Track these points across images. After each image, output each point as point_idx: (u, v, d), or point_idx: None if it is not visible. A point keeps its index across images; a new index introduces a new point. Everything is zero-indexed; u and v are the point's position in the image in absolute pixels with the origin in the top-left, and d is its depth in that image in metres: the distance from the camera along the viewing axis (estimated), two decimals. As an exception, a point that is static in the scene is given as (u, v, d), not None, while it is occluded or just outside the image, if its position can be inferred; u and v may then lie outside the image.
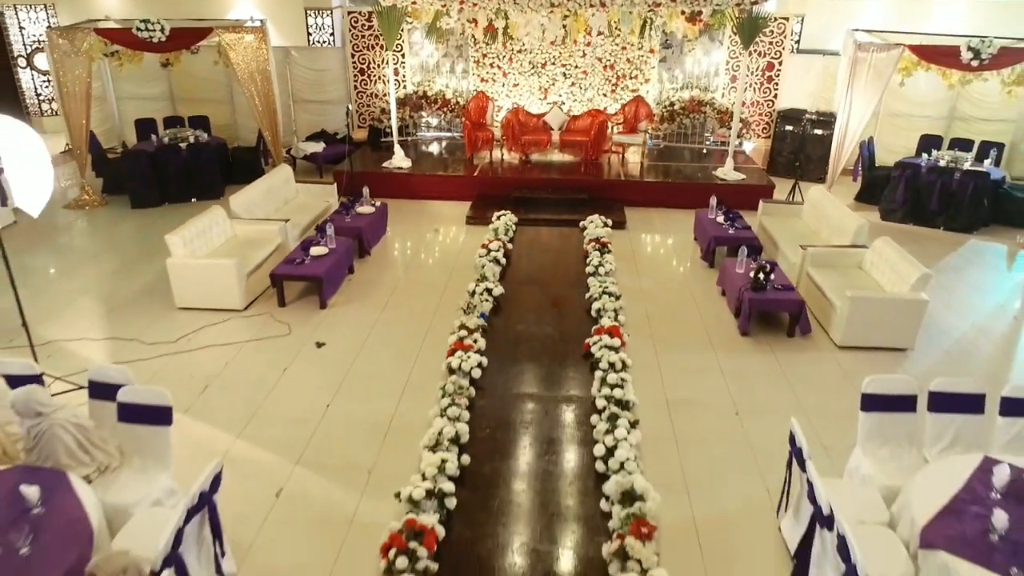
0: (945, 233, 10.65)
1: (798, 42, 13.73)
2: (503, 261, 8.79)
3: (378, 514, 4.81)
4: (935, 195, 10.56)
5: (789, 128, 12.96)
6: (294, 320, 7.69)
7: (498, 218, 10.03)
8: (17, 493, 3.85)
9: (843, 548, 3.42)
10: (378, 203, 10.07)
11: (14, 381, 4.69)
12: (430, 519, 4.47)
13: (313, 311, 7.89)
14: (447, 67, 13.89)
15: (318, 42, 14.83)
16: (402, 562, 4.14)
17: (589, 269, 8.52)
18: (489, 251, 8.83)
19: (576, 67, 13.49)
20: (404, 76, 13.77)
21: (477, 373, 6.34)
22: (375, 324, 7.68)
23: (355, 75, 13.94)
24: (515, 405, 6.10)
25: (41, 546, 3.64)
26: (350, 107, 13.30)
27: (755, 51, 12.98)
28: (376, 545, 4.38)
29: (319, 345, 7.21)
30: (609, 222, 10.07)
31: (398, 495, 4.76)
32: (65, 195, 11.86)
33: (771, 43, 13.06)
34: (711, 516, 4.96)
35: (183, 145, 11.49)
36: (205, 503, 3.82)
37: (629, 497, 4.73)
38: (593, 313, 7.48)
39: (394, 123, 12.48)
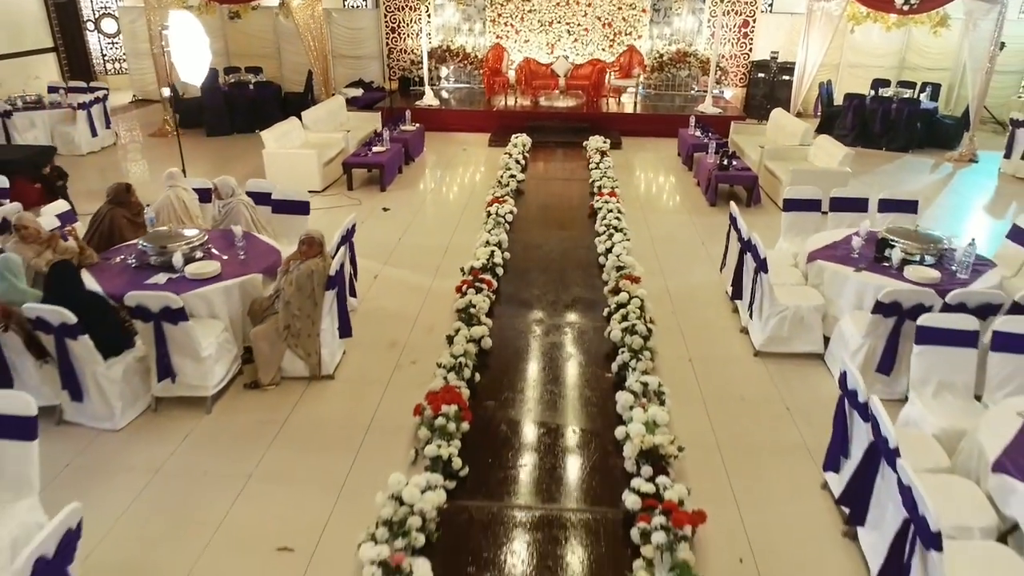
0: (887, 152, 12.84)
1: (771, 5, 15.95)
2: (522, 161, 10.96)
3: (446, 287, 6.88)
4: (877, 120, 12.76)
5: (761, 75, 15.14)
6: (362, 198, 9.88)
7: (516, 138, 12.19)
8: (230, 235, 6.03)
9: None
10: (417, 125, 12.25)
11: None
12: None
13: (375, 193, 10.09)
14: (466, 27, 16.06)
15: (354, 5, 17.01)
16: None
17: (591, 166, 10.71)
18: (511, 155, 11.00)
19: (579, 25, 15.69)
20: (430, 34, 15.95)
21: (509, 217, 8.51)
22: (426, 199, 9.92)
23: (387, 33, 16.11)
24: (539, 235, 8.31)
25: (250, 256, 5.82)
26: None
27: (732, 11, 15.19)
28: (448, 303, 6.44)
29: (385, 210, 9.41)
30: (607, 142, 12.23)
31: (463, 269, 6.92)
32: (147, 128, 14.02)
33: (747, 3, 15.26)
34: (679, 289, 7.17)
35: (251, 85, 13.66)
36: (348, 240, 6.01)
37: (619, 267, 6.90)
38: (595, 188, 9.65)
39: (425, 69, 14.66)
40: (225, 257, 5.73)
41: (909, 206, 6.91)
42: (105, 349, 4.71)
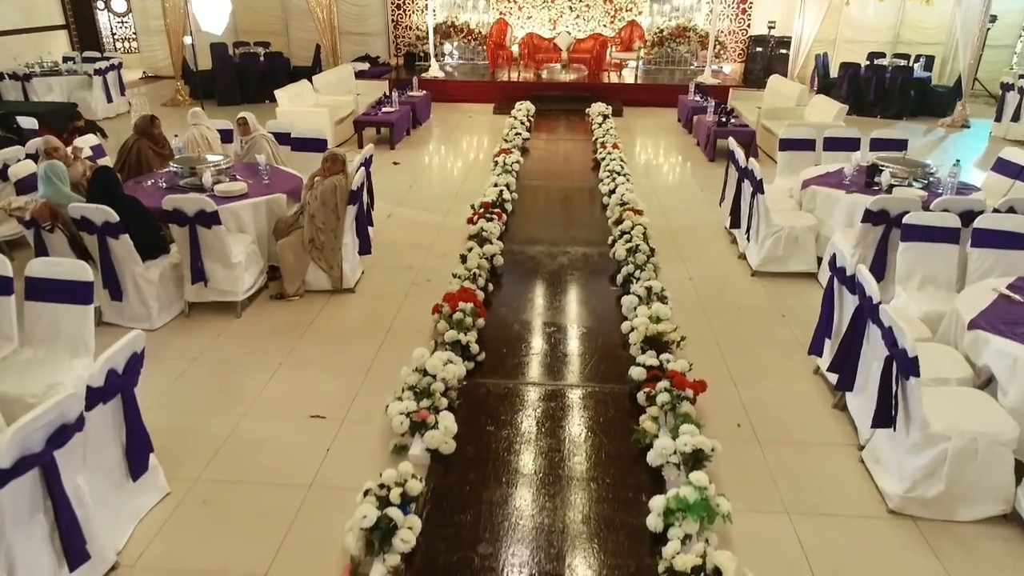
0: (881, 120, 13.17)
1: (769, -19, 16.29)
2: (527, 123, 11.28)
3: (458, 223, 7.20)
4: (872, 88, 13.10)
5: (759, 49, 15.47)
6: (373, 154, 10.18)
7: (520, 104, 12.50)
8: (253, 167, 6.35)
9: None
10: (424, 92, 12.57)
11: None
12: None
13: (385, 151, 10.41)
14: (470, 3, 16.38)
15: (360, -17, 17.32)
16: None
17: (595, 127, 11.03)
18: (516, 118, 11.33)
19: (580, 0, 16.02)
20: (435, 10, 16.27)
21: (516, 167, 8.84)
22: (434, 156, 10.25)
23: (393, 9, 16.44)
24: (545, 183, 8.64)
25: (274, 181, 6.15)
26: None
27: (731, -14, 15.55)
28: (460, 236, 6.77)
29: (395, 164, 9.73)
30: (609, 109, 12.55)
31: (472, 205, 7.24)
32: (159, 100, 14.32)
33: (744, -21, 15.61)
34: (680, 225, 7.50)
35: (261, 57, 13.99)
36: (366, 167, 6.33)
37: (622, 203, 7.23)
38: (599, 143, 9.97)
39: (431, 43, 14.99)
40: (250, 181, 6.05)
41: (899, 145, 7.22)
42: (143, 251, 5.03)
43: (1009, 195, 6.05)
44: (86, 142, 6.66)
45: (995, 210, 5.13)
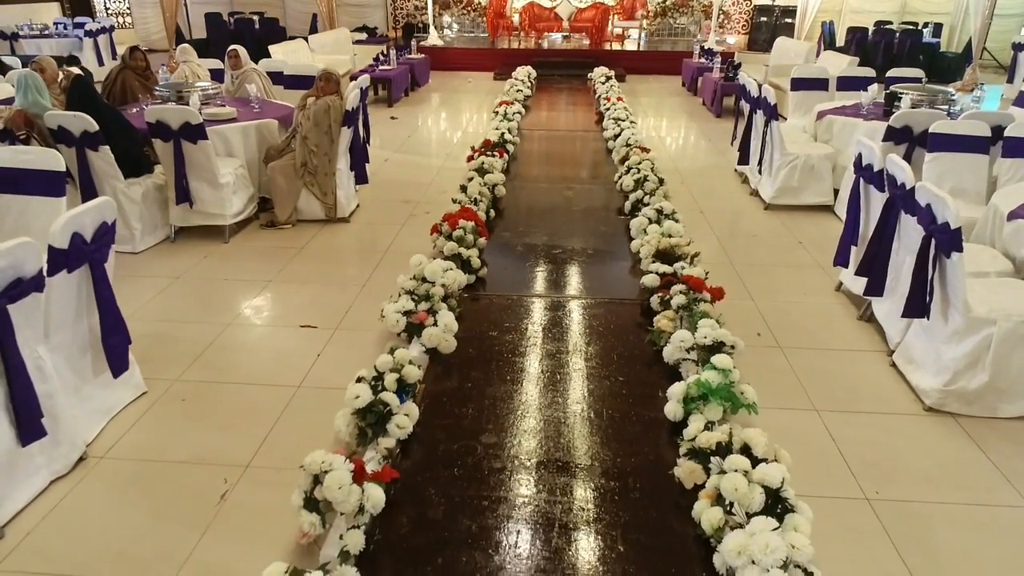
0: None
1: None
2: (529, 84, 11.00)
3: (458, 165, 6.93)
4: (880, 53, 12.82)
5: (763, 19, 15.21)
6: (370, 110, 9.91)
7: (521, 68, 12.21)
8: (243, 100, 6.07)
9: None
10: (423, 55, 12.29)
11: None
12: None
13: (383, 108, 10.13)
14: (470, -26, 16.13)
15: (357, -46, 17.05)
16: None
17: (597, 87, 10.75)
18: (517, 78, 11.04)
19: (582, -30, 15.74)
20: (433, -20, 16.01)
21: (517, 117, 8.55)
22: (433, 113, 9.97)
23: (391, -20, 16.18)
24: (547, 135, 8.36)
25: (264, 110, 5.87)
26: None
27: (735, -45, 15.27)
28: (461, 176, 6.45)
29: (393, 118, 9.45)
30: (612, 73, 12.27)
31: (473, 146, 6.96)
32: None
33: (749, -52, 15.34)
34: (688, 168, 7.22)
35: (256, 24, 13.71)
36: (363, 93, 6.05)
37: (627, 143, 6.95)
38: (602, 98, 9.69)
39: (430, 13, 14.71)
40: (241, 109, 5.77)
41: (915, 81, 6.95)
42: (125, 167, 4.75)
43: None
44: (73, 71, 6.37)
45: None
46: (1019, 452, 2.96)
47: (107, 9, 18.35)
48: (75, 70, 6.11)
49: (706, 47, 13.59)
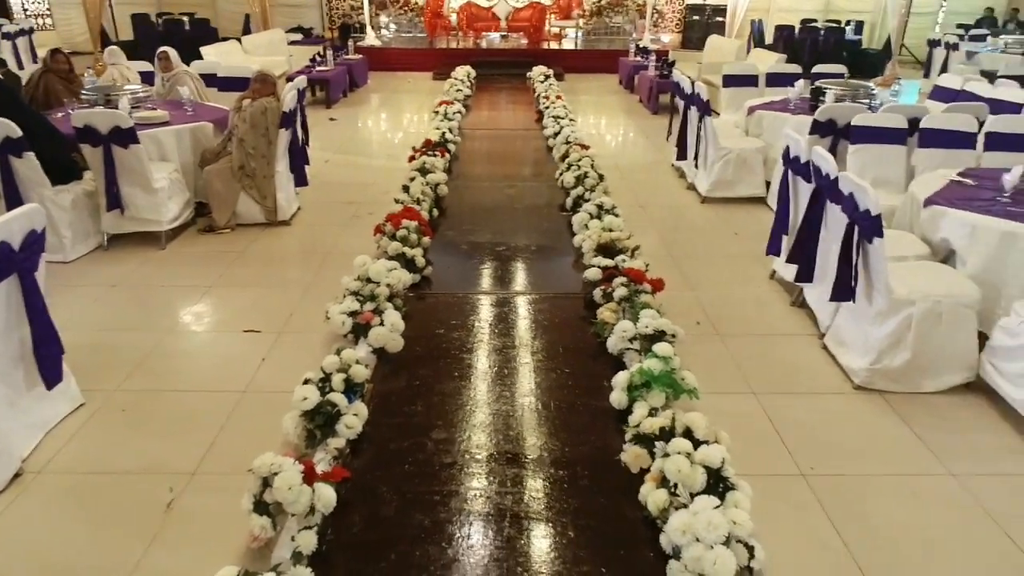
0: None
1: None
2: (469, 83, 11.02)
3: (400, 166, 6.87)
4: (806, 50, 13.31)
5: (696, 18, 15.60)
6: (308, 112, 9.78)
7: (460, 68, 12.22)
8: (175, 103, 5.93)
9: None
10: (360, 56, 12.18)
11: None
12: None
13: (322, 109, 10.00)
14: (406, -27, 16.04)
15: (290, -47, 16.76)
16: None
17: (536, 85, 10.85)
18: (457, 78, 11.05)
19: (518, -30, 15.84)
20: (369, -20, 15.87)
21: (458, 117, 8.57)
22: (372, 114, 9.90)
23: (326, -21, 15.96)
24: (488, 135, 8.41)
25: (198, 112, 5.75)
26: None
27: (667, -45, 15.62)
28: (403, 176, 6.39)
29: (332, 120, 9.35)
30: (551, 72, 12.39)
31: (414, 147, 6.94)
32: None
33: (680, -51, 15.70)
34: (627, 164, 7.36)
35: (186, 25, 13.34)
36: (300, 95, 5.98)
37: (566, 141, 7.05)
38: (541, 96, 9.78)
39: (366, 13, 14.57)
40: (174, 113, 5.63)
41: (838, 76, 7.26)
42: (52, 174, 4.58)
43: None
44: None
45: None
46: (941, 425, 3.15)
47: (25, 10, 17.55)
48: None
49: (641, 45, 13.86)
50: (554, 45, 15.14)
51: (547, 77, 11.27)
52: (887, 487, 2.77)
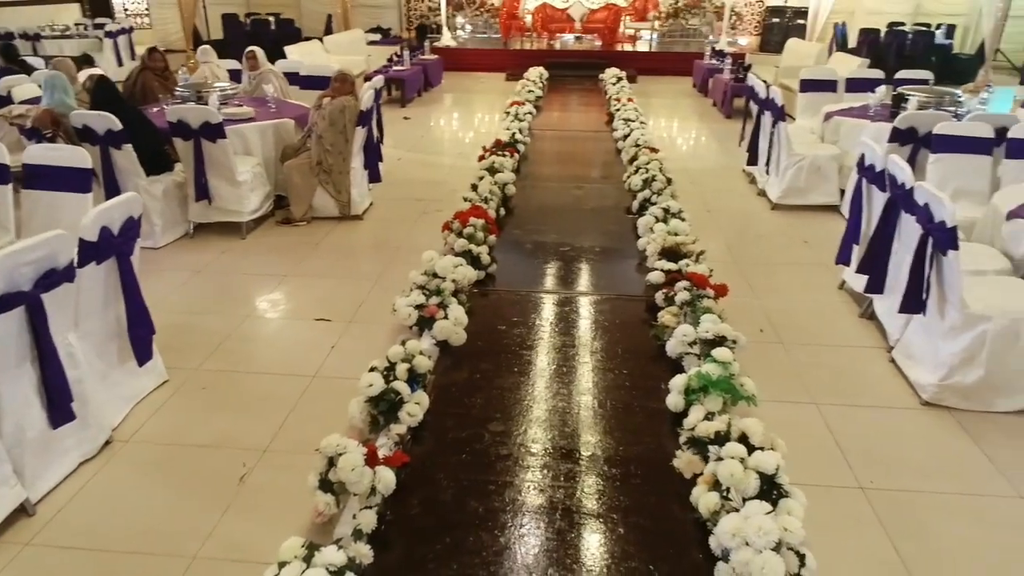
0: (901, 87, 12.90)
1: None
2: (541, 84, 11.09)
3: (470, 164, 6.97)
4: (892, 53, 12.82)
5: (776, 20, 15.22)
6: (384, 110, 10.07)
7: (533, 70, 12.31)
8: (261, 100, 6.22)
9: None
10: (436, 56, 12.43)
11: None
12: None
13: (396, 108, 10.27)
14: (483, -24, 16.25)
15: (372, -44, 17.22)
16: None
17: (608, 87, 10.83)
18: (529, 79, 11.14)
19: (594, -28, 15.82)
20: (447, -18, 16.15)
21: (528, 118, 8.65)
22: (446, 113, 10.11)
23: (405, -18, 16.33)
24: (558, 136, 8.47)
25: (281, 110, 6.01)
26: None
27: (748, -44, 15.31)
28: (473, 174, 6.50)
29: (406, 119, 9.59)
30: (623, 74, 12.34)
31: (484, 146, 7.06)
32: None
33: (761, -50, 15.37)
34: (697, 168, 7.30)
35: (272, 25, 13.91)
36: (377, 95, 6.18)
37: (636, 144, 7.04)
38: (612, 98, 9.76)
39: (443, 14, 14.84)
40: (259, 109, 5.91)
41: (923, 82, 7.00)
42: (147, 165, 4.90)
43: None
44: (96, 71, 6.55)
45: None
46: (1012, 445, 3.04)
47: (126, 10, 18.60)
48: (97, 70, 6.27)
49: (717, 48, 13.64)
50: (628, 47, 15.06)
51: (619, 79, 11.24)
52: (951, 506, 2.70)
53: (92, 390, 2.88)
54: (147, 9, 17.95)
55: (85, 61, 9.16)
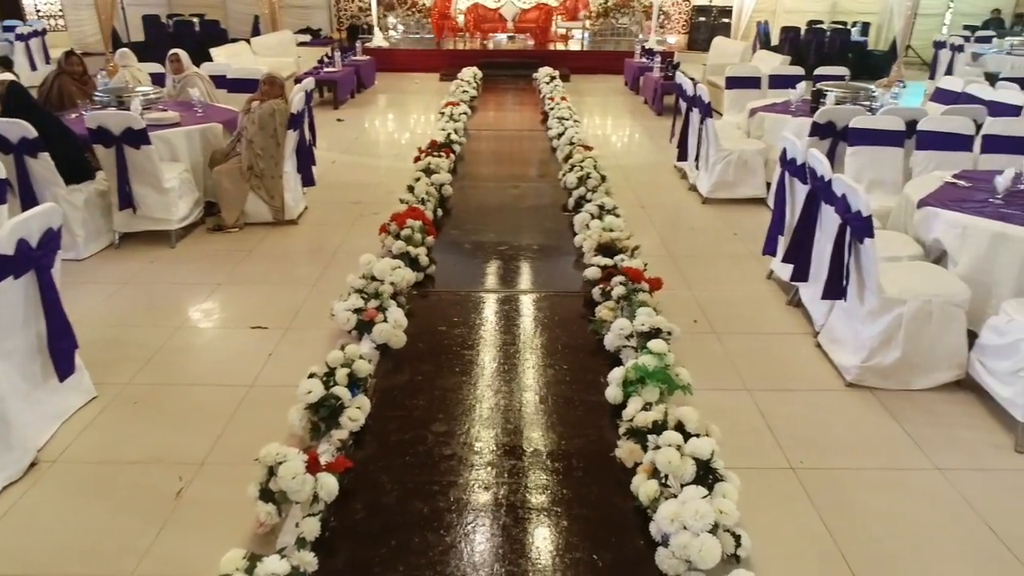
0: (821, 83, 13.45)
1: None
2: (475, 84, 11.11)
3: (406, 166, 6.93)
4: (812, 51, 13.36)
5: (702, 19, 15.65)
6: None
7: (467, 70, 12.32)
8: (186, 104, 6.04)
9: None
10: (368, 57, 12.30)
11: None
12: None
13: (329, 110, 10.12)
14: (414, -25, 16.15)
15: (299, -45, 16.90)
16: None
17: (542, 87, 10.93)
18: (463, 79, 11.15)
19: (525, -28, 15.93)
20: (377, -18, 15.99)
21: (463, 118, 8.66)
22: (381, 113, 10.00)
23: (334, -19, 16.10)
24: (493, 135, 8.50)
25: (208, 114, 5.86)
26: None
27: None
28: (408, 176, 6.46)
29: (339, 120, 9.47)
30: (557, 73, 12.47)
31: (420, 147, 7.03)
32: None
33: (686, -50, 15.76)
34: (630, 165, 7.44)
35: (196, 26, 13.50)
36: (308, 97, 6.08)
37: (570, 142, 7.13)
38: (546, 98, 9.86)
39: (374, 14, 14.69)
40: (184, 114, 5.75)
41: (839, 78, 7.32)
42: (66, 174, 4.70)
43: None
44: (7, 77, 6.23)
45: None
46: (930, 421, 3.22)
47: (38, 11, 17.77)
48: (9, 76, 5.97)
49: (647, 47, 13.92)
50: (560, 46, 15.23)
51: (553, 78, 11.35)
52: (875, 481, 2.85)
53: (15, 410, 2.76)
54: (61, 10, 17.19)
55: (4, 64, 8.70)
